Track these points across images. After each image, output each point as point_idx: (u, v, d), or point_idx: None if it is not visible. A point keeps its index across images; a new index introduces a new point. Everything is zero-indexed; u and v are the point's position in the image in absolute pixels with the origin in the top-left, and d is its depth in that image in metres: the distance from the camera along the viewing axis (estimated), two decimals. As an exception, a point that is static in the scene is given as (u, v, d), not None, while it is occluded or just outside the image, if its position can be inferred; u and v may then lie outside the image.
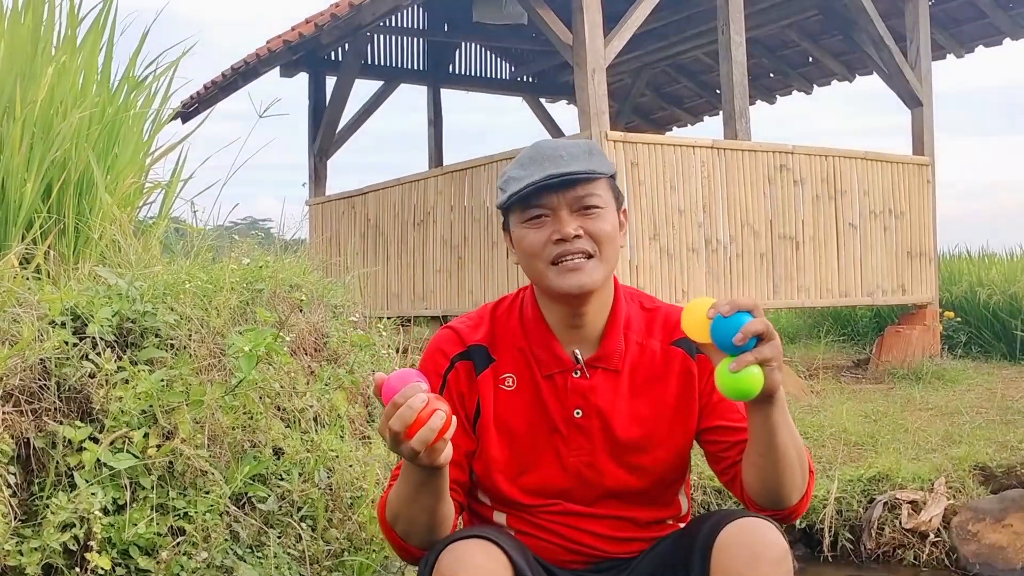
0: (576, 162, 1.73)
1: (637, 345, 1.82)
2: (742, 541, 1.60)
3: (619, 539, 1.81)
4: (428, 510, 1.65)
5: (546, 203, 1.73)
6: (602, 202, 1.74)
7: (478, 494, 1.87)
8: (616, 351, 1.80)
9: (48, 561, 2.09)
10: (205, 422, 2.39)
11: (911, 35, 7.83)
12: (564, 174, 1.70)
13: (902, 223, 7.49)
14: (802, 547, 4.15)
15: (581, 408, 1.77)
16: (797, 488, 1.71)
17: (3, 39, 3.37)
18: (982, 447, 4.59)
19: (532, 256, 1.75)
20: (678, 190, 6.31)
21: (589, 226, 1.72)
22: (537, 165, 1.73)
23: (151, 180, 3.90)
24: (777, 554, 1.59)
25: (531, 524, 1.81)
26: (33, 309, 2.44)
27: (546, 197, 1.72)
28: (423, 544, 1.70)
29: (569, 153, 1.75)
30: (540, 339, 1.80)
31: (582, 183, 1.72)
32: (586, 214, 1.73)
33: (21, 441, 2.22)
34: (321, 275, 3.58)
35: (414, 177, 7.83)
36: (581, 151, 1.76)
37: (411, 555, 1.74)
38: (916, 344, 7.38)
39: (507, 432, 1.78)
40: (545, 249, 1.73)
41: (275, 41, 8.16)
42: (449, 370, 1.80)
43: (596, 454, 1.78)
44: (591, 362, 1.79)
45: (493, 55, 10.94)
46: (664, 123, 12.04)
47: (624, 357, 1.80)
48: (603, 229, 1.73)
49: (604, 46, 6.15)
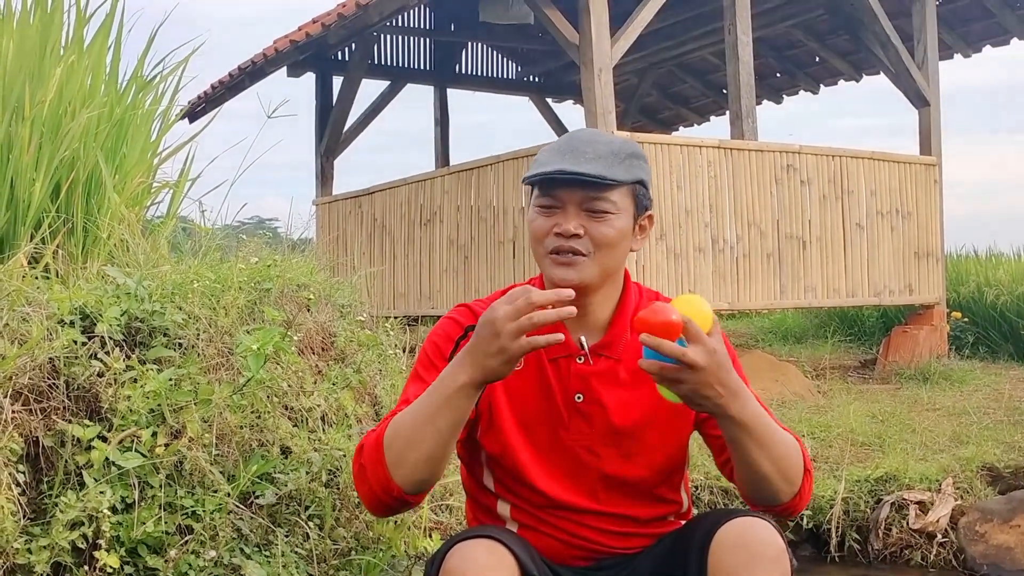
0: (596, 163, 1.73)
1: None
2: (739, 540, 1.61)
3: (621, 534, 1.83)
4: (438, 433, 1.60)
5: (557, 195, 1.75)
6: (614, 208, 1.75)
7: (483, 478, 1.88)
8: (620, 340, 1.82)
9: (57, 559, 2.10)
10: (213, 421, 2.39)
11: (918, 34, 7.82)
12: (574, 173, 1.71)
13: (909, 223, 7.48)
14: (809, 547, 4.15)
15: (582, 393, 1.80)
16: (783, 491, 1.70)
17: (12, 39, 3.38)
18: (990, 448, 4.58)
19: (535, 240, 1.79)
20: (685, 190, 6.30)
21: (592, 228, 1.74)
22: (561, 155, 1.75)
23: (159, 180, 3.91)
24: (774, 553, 1.59)
25: (534, 518, 1.82)
26: (42, 308, 2.45)
27: (558, 189, 1.75)
28: (408, 477, 1.63)
29: (595, 151, 1.75)
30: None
31: (592, 186, 1.73)
32: (594, 216, 1.74)
33: (30, 440, 2.23)
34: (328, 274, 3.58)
35: (421, 177, 7.83)
36: (609, 152, 1.75)
37: (385, 492, 1.65)
38: (923, 344, 7.36)
39: (519, 411, 1.80)
40: (547, 238, 1.76)
41: (282, 41, 8.18)
42: (462, 337, 1.81)
43: (595, 439, 1.80)
44: (596, 349, 1.81)
45: (499, 55, 10.94)
46: (671, 123, 12.03)
47: (627, 347, 1.82)
48: (605, 234, 1.74)
49: (611, 46, 6.15)
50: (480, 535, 1.64)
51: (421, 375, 1.81)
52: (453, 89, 10.66)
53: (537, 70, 11.05)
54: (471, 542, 1.62)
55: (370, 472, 1.66)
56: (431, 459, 1.62)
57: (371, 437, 1.70)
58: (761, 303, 6.81)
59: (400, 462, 1.63)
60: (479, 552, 1.59)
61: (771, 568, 1.58)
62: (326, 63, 9.16)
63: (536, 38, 9.92)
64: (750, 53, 6.79)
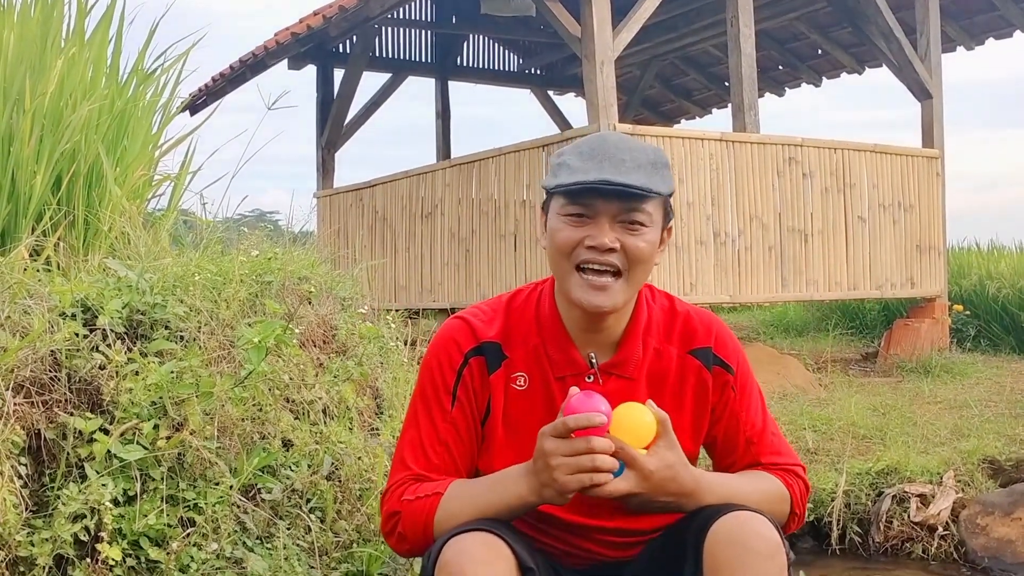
0: (637, 173, 1.63)
1: (654, 351, 1.78)
2: (734, 535, 1.59)
3: (622, 545, 1.81)
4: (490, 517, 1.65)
5: (592, 205, 1.65)
6: (649, 220, 1.66)
7: None
8: (633, 358, 1.76)
9: (59, 552, 2.10)
10: (215, 414, 2.39)
11: (921, 27, 7.80)
12: (621, 185, 1.61)
13: (911, 216, 7.47)
14: (810, 540, 4.15)
15: None
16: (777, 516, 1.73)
17: (13, 31, 3.38)
18: (991, 440, 4.58)
19: (560, 253, 1.68)
20: (686, 183, 6.29)
21: (627, 241, 1.65)
22: (596, 162, 1.64)
23: (160, 172, 3.90)
24: (769, 548, 1.58)
25: (534, 528, 1.80)
26: (44, 301, 2.45)
27: (594, 199, 1.64)
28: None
29: (634, 160, 1.65)
30: (555, 339, 1.76)
31: (633, 198, 1.64)
32: (628, 229, 1.65)
33: (32, 432, 2.23)
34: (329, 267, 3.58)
35: (422, 170, 7.82)
36: (647, 161, 1.66)
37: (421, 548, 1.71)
38: (925, 337, 7.36)
39: (515, 433, 1.76)
40: (575, 250, 1.66)
41: (283, 33, 8.17)
42: (463, 365, 1.76)
43: None
44: (606, 368, 1.75)
45: (501, 47, 10.92)
46: (672, 115, 12.02)
47: (641, 365, 1.76)
48: (640, 248, 1.65)
49: (613, 38, 6.14)
50: (476, 528, 1.61)
51: (428, 412, 1.77)
52: (454, 82, 10.65)
53: (539, 62, 11.04)
54: (467, 535, 1.59)
55: (411, 540, 1.72)
56: None
57: (411, 510, 1.70)
58: (763, 296, 6.81)
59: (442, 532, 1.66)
60: (476, 545, 1.57)
61: (767, 563, 1.56)
62: (327, 55, 9.14)
63: (538, 30, 9.91)
64: (752, 45, 6.77)
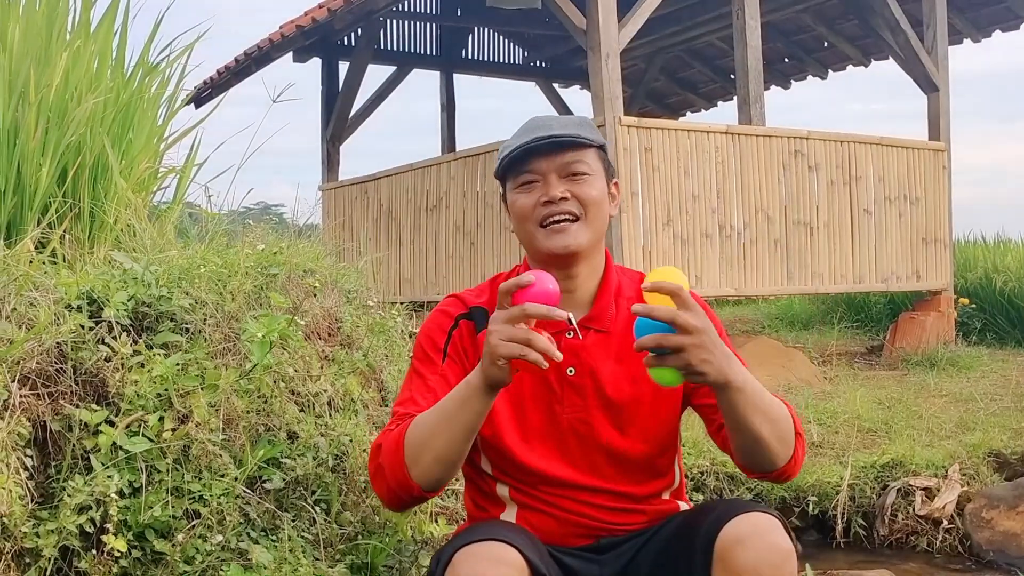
0: (565, 129, 1.83)
1: (628, 309, 1.86)
2: (747, 542, 1.61)
3: (618, 510, 1.86)
4: (453, 435, 1.66)
5: (535, 168, 1.83)
6: (590, 169, 1.84)
7: (480, 463, 1.90)
8: (607, 313, 1.88)
9: (65, 543, 2.10)
10: (220, 406, 2.40)
11: (927, 19, 7.77)
12: (551, 136, 1.80)
13: (917, 209, 7.45)
14: (815, 533, 4.15)
15: (574, 366, 1.84)
16: (779, 456, 1.73)
17: (18, 24, 3.38)
18: (996, 434, 4.58)
19: (523, 219, 1.85)
20: (692, 176, 6.28)
21: (576, 190, 1.82)
22: (528, 132, 1.84)
23: (165, 165, 3.91)
24: (780, 557, 1.59)
25: (532, 497, 1.85)
26: (49, 293, 2.45)
27: (535, 162, 1.83)
28: (425, 475, 1.69)
29: (559, 123, 1.86)
30: None
31: (570, 148, 1.82)
32: (574, 179, 1.83)
33: (38, 424, 2.24)
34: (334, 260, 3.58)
35: (427, 162, 7.82)
36: (571, 122, 1.87)
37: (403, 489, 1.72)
38: (930, 330, 7.34)
39: (512, 391, 1.82)
40: (534, 211, 1.83)
41: (288, 26, 8.16)
42: (454, 327, 1.88)
43: (589, 411, 1.84)
44: (583, 323, 1.85)
45: (506, 40, 10.90)
46: (678, 108, 11.99)
47: (615, 319, 1.88)
48: (589, 193, 1.82)
49: (618, 31, 6.12)
50: (489, 537, 1.62)
51: (419, 370, 1.87)
52: (459, 75, 10.64)
53: (544, 55, 11.02)
54: (480, 544, 1.60)
55: (388, 471, 1.73)
56: (446, 459, 1.69)
57: (389, 437, 1.75)
58: (768, 289, 6.80)
59: (417, 461, 1.69)
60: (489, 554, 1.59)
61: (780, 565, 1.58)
62: (332, 48, 9.14)
63: (543, 23, 9.89)
64: (758, 38, 6.76)
